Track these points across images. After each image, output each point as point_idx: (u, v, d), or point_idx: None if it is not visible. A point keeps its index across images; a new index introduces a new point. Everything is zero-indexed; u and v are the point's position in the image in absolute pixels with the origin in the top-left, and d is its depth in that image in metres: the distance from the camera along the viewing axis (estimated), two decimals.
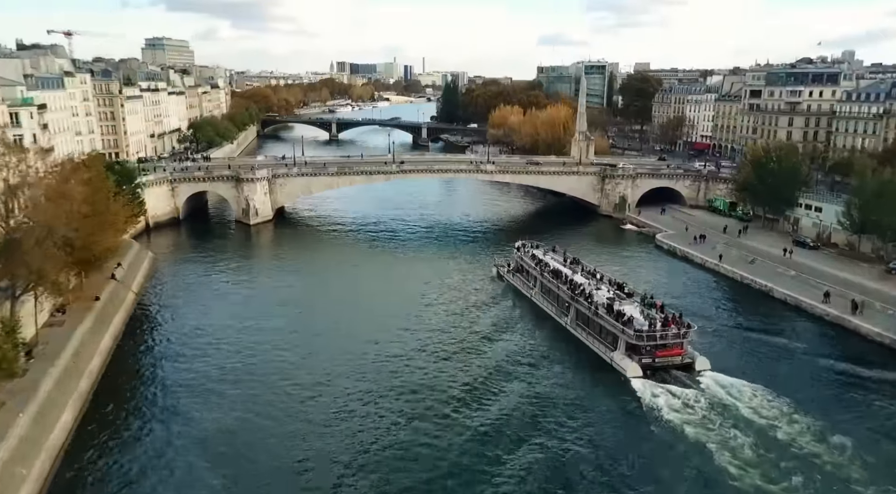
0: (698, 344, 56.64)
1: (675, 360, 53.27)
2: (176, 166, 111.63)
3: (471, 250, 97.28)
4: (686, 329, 53.92)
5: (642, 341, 52.82)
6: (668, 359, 53.13)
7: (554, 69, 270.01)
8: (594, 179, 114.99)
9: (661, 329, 53.66)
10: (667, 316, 56.07)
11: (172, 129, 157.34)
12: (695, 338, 55.61)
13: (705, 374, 52.20)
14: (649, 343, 52.99)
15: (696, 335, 55.73)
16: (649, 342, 52.95)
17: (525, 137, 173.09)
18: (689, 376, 52.14)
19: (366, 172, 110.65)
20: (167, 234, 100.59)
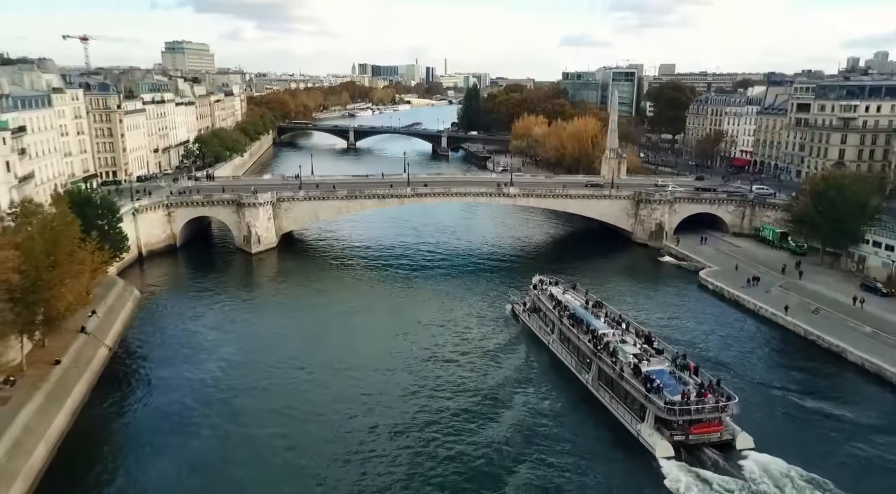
0: (743, 417, 47.66)
1: (713, 437, 46.23)
2: (174, 188, 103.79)
3: (486, 281, 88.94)
4: (726, 402, 46.14)
5: (674, 415, 45.28)
6: (705, 436, 46.07)
7: (579, 76, 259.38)
8: (628, 203, 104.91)
9: (696, 401, 45.89)
10: (703, 383, 48.36)
11: (180, 141, 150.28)
12: (736, 411, 46.72)
13: (749, 455, 44.59)
14: (682, 418, 45.36)
15: (739, 407, 46.76)
16: (682, 415, 45.36)
17: (550, 151, 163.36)
18: (729, 457, 44.66)
19: (378, 195, 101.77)
20: (161, 264, 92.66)
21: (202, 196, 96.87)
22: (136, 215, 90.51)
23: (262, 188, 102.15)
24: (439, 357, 62.54)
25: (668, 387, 47.56)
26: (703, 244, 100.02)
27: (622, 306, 74.68)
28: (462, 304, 78.45)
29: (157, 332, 68.37)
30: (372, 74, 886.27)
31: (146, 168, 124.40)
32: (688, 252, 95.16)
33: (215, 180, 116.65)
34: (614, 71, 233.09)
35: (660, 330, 69.18)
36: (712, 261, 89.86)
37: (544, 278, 72.98)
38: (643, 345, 55.09)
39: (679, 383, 48.64)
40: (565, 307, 63.51)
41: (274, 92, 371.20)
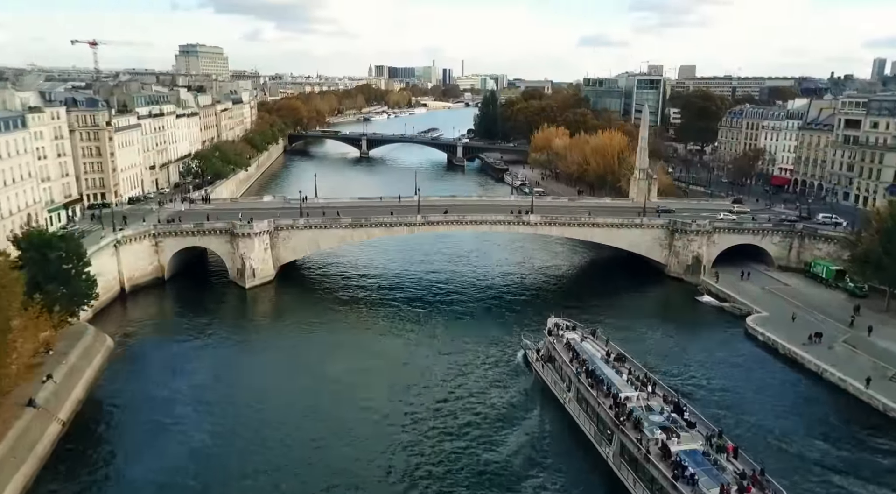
0: None
1: None
2: (162, 214, 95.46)
3: (498, 319, 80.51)
4: None
5: None
6: None
7: (601, 82, 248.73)
8: (661, 233, 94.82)
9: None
10: (744, 471, 41.06)
11: (181, 156, 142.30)
12: None
13: None
14: None
15: None
16: None
17: (572, 165, 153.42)
18: None
19: (385, 224, 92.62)
20: (146, 300, 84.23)
21: (193, 225, 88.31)
22: (118, 247, 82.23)
23: (260, 215, 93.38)
24: (443, 417, 56.03)
25: (702, 476, 40.53)
26: (745, 280, 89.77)
27: (651, 357, 66.01)
28: (471, 348, 70.70)
29: (127, 392, 59.70)
30: (388, 75, 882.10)
31: (140, 188, 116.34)
32: (730, 291, 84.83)
33: (211, 203, 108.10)
34: (638, 78, 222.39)
35: (695, 391, 60.51)
36: (760, 304, 79.48)
37: (560, 322, 65.87)
38: (672, 413, 47.55)
39: (715, 469, 41.29)
40: (583, 361, 56.70)
41: (287, 97, 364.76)
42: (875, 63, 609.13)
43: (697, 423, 46.74)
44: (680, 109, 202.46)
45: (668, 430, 45.13)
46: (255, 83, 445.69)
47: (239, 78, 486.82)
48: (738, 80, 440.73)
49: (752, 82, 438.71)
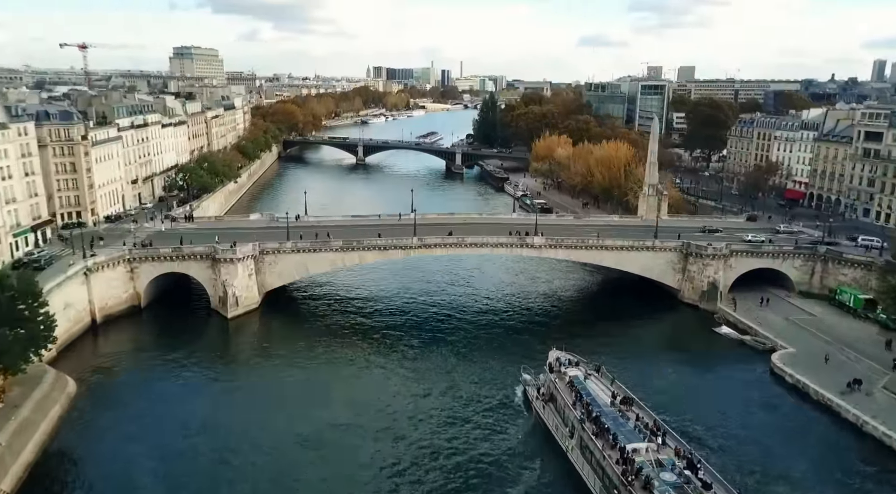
0: None
1: None
2: (138, 234, 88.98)
3: (497, 348, 75.23)
4: None
5: None
6: None
7: (604, 87, 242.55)
8: (674, 256, 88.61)
9: None
10: None
11: (167, 167, 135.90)
12: None
13: None
14: None
15: None
16: None
17: (575, 177, 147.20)
18: None
19: (378, 247, 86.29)
20: (119, 333, 77.77)
21: (171, 249, 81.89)
22: (88, 274, 75.83)
23: (245, 236, 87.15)
24: (436, 469, 51.35)
25: None
26: (764, 307, 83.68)
27: (663, 397, 60.34)
28: (468, 383, 66.08)
29: (87, 450, 53.42)
30: (387, 76, 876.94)
31: (121, 204, 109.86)
32: (751, 322, 78.51)
33: (195, 221, 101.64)
34: (642, 84, 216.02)
35: (712, 440, 55.30)
36: (785, 338, 73.19)
37: (562, 357, 61.39)
38: (685, 470, 43.05)
39: None
40: (587, 405, 52.34)
41: (282, 101, 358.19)
42: (875, 64, 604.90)
43: (714, 484, 41.88)
44: (686, 117, 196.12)
45: (682, 491, 40.75)
46: (250, 86, 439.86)
47: (235, 80, 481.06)
48: (740, 83, 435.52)
49: (754, 85, 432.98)
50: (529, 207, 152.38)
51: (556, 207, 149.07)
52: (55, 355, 67.14)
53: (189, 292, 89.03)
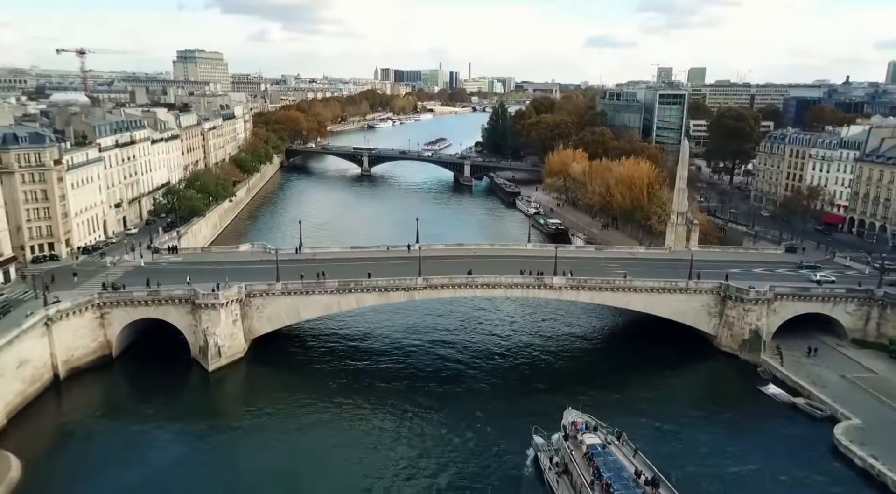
0: None
1: None
2: (111, 271, 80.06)
3: (508, 402, 67.42)
4: None
5: None
6: None
7: (619, 96, 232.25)
8: (710, 299, 79.02)
9: None
10: None
11: (157, 186, 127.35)
12: None
13: None
14: None
15: None
16: None
17: (593, 196, 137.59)
18: None
19: (379, 288, 77.12)
20: (86, 388, 68.99)
21: (146, 293, 72.99)
22: (50, 324, 67.07)
23: (234, 273, 78.34)
24: None
25: None
26: (813, 358, 74.23)
27: (697, 476, 52.40)
28: (473, 447, 59.30)
29: None
30: (394, 78, 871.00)
31: (102, 230, 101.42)
32: (803, 381, 68.73)
33: (180, 253, 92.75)
34: (660, 92, 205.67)
35: None
36: (847, 403, 63.41)
37: (579, 420, 55.34)
38: None
39: None
40: (607, 485, 46.10)
41: (287, 106, 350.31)
42: (890, 66, 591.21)
43: None
44: (708, 129, 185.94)
45: None
46: (255, 90, 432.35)
47: (240, 84, 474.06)
48: (756, 88, 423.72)
49: (771, 90, 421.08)
50: (543, 226, 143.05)
51: (573, 227, 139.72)
52: (4, 424, 58.49)
53: (169, 337, 79.91)
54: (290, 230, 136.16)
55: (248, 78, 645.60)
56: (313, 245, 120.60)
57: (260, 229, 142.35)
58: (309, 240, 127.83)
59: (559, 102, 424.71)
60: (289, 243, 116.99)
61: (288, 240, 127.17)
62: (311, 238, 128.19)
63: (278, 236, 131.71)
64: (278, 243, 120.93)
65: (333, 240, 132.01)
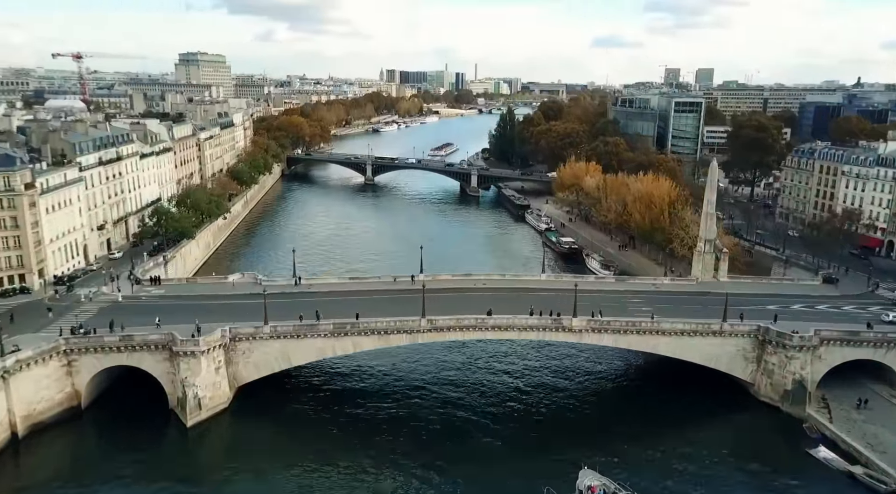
0: None
1: None
2: (90, 310, 72.52)
3: (517, 458, 60.91)
4: None
5: None
6: None
7: (631, 102, 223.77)
8: (746, 343, 71.00)
9: None
10: None
11: (147, 202, 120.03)
12: None
13: None
14: None
15: None
16: None
17: (609, 213, 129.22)
18: None
19: (378, 331, 69.39)
20: (48, 447, 61.49)
21: (118, 338, 65.48)
22: (7, 377, 59.63)
23: (219, 312, 70.92)
24: None
25: None
26: (864, 411, 66.24)
27: None
28: None
29: None
30: (400, 80, 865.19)
31: (82, 257, 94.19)
32: (858, 444, 60.60)
33: (163, 284, 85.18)
34: (675, 100, 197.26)
35: None
36: None
37: (596, 484, 50.97)
38: None
39: None
40: None
41: (290, 110, 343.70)
42: None
43: None
44: (727, 140, 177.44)
45: None
46: (258, 93, 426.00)
47: (243, 86, 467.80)
48: (770, 91, 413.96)
49: (784, 94, 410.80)
50: (555, 245, 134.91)
51: (587, 246, 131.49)
52: None
53: (146, 381, 72.32)
54: (285, 252, 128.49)
55: (253, 79, 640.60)
56: (310, 269, 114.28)
57: (255, 250, 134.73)
58: (307, 262, 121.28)
59: (568, 106, 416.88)
60: (283, 266, 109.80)
61: (282, 263, 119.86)
62: (309, 261, 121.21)
63: (273, 259, 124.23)
64: (272, 268, 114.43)
65: (332, 261, 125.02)
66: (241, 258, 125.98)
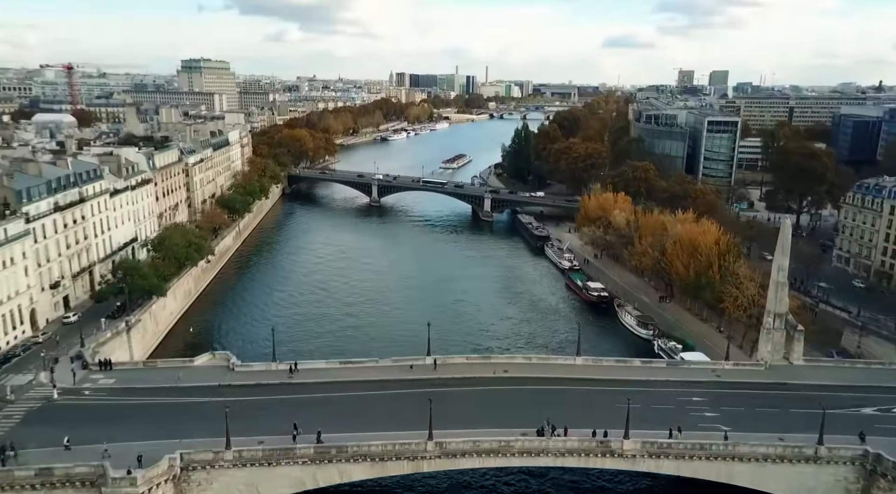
0: None
1: None
2: (25, 403, 57.49)
3: None
4: None
5: None
6: None
7: (657, 119, 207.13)
8: (848, 472, 54.96)
9: None
10: None
11: (121, 245, 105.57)
12: None
13: None
14: None
15: None
16: None
17: (644, 259, 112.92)
18: None
19: (372, 456, 53.91)
20: None
21: (34, 472, 50.38)
22: None
23: (173, 418, 55.78)
24: None
25: None
26: None
27: None
28: None
29: None
30: (410, 83, 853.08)
31: (28, 324, 79.60)
32: None
33: (113, 369, 70.01)
34: (709, 119, 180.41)
35: None
36: None
37: None
38: None
39: None
40: None
41: (293, 121, 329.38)
42: None
43: None
44: (770, 165, 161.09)
45: None
46: (262, 102, 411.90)
47: (248, 93, 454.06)
48: (796, 100, 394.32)
49: (812, 103, 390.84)
50: (581, 290, 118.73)
51: (619, 294, 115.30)
52: None
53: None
54: (276, 301, 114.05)
55: (260, 84, 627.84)
56: (303, 328, 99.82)
57: (243, 294, 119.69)
58: (297, 317, 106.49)
59: (584, 115, 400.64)
60: (272, 319, 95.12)
61: (272, 315, 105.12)
62: (300, 316, 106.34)
63: (261, 310, 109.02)
64: (258, 325, 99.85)
65: (328, 310, 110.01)
66: (225, 309, 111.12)
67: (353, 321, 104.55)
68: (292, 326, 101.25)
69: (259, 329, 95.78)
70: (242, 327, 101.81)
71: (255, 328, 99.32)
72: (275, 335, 75.43)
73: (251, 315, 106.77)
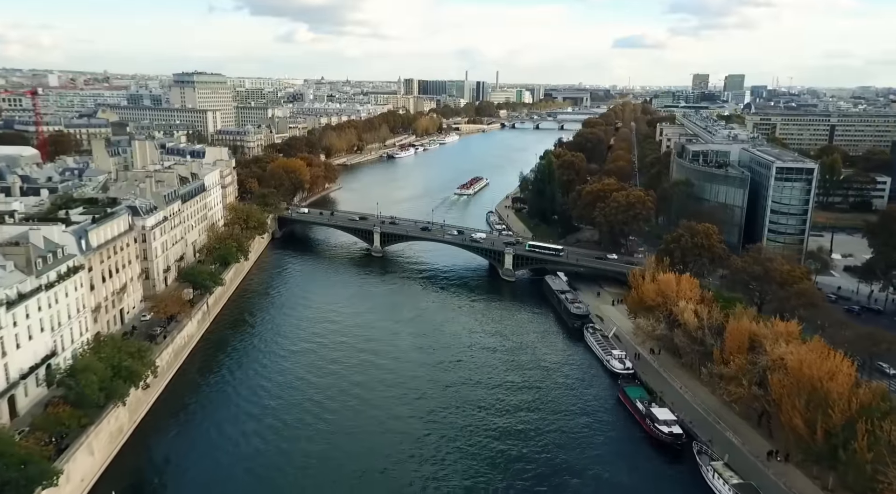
0: None
1: None
2: None
3: None
4: None
5: None
6: None
7: (706, 156, 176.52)
8: None
9: None
10: None
11: (30, 367, 77.80)
12: None
13: None
14: None
15: None
16: None
17: (735, 387, 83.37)
18: None
19: None
20: None
21: None
22: None
23: None
24: None
25: None
26: None
27: None
28: None
29: None
30: (418, 90, 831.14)
31: None
32: None
33: None
34: (777, 165, 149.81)
35: None
36: None
37: None
38: None
39: None
40: None
41: (292, 142, 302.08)
42: None
43: None
44: (870, 231, 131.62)
45: None
46: (260, 118, 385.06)
47: (244, 108, 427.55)
48: (838, 117, 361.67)
49: (856, 120, 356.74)
50: (645, 419, 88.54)
51: (699, 426, 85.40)
52: None
53: None
54: (246, 432, 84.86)
55: (262, 92, 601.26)
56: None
57: (196, 421, 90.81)
58: (275, 451, 77.16)
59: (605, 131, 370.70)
60: (235, 463, 66.53)
61: (235, 465, 75.86)
62: (279, 449, 77.21)
63: (224, 456, 79.20)
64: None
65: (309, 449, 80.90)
66: (170, 447, 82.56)
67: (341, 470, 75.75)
68: (269, 457, 72.87)
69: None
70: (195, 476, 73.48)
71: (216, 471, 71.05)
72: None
73: (210, 455, 78.32)
